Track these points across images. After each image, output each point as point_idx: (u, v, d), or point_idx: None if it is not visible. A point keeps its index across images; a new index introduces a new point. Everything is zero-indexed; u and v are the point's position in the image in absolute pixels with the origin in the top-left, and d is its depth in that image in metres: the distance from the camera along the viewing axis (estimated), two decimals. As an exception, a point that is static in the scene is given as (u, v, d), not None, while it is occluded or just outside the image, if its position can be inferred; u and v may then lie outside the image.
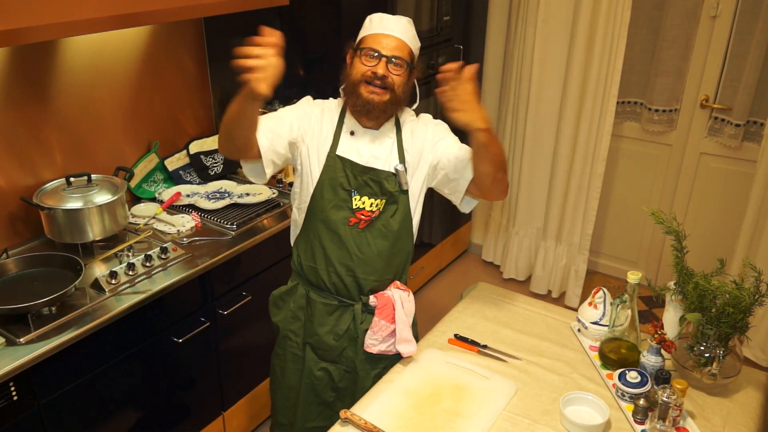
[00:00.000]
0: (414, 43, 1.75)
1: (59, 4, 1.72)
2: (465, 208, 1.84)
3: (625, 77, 3.27)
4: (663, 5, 3.20)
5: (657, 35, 3.26)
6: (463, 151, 1.74)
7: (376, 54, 1.67)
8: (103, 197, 2.14)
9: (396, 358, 1.86)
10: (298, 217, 1.86)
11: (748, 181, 3.04)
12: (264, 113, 2.87)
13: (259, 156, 1.67)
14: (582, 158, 3.37)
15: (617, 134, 3.51)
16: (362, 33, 1.75)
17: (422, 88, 3.12)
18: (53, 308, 1.83)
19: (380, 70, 1.67)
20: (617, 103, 3.28)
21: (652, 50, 3.30)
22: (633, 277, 1.73)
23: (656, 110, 3.37)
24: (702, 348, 1.69)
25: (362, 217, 1.76)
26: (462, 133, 1.66)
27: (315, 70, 2.99)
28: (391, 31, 1.69)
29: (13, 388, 1.67)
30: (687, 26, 3.18)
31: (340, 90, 1.78)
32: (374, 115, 1.72)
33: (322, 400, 1.96)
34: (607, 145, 3.28)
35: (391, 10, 2.71)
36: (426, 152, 1.78)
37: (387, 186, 1.75)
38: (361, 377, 1.89)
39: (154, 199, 2.53)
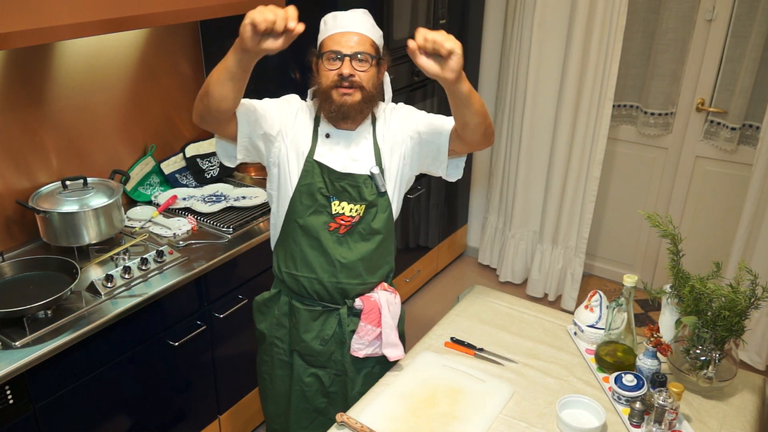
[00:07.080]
0: (375, 33, 1.67)
1: (54, 7, 1.72)
2: (452, 176, 1.78)
3: (621, 80, 3.28)
4: (659, 9, 3.21)
5: (653, 39, 3.27)
6: (433, 116, 1.72)
7: (339, 55, 1.61)
8: (99, 200, 2.13)
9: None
10: (276, 220, 1.80)
11: (744, 184, 3.05)
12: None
13: (233, 136, 1.64)
14: (578, 161, 3.37)
15: (613, 137, 3.52)
16: (320, 37, 1.68)
17: (419, 91, 3.15)
18: (49, 312, 1.82)
19: (346, 70, 1.60)
20: (613, 106, 3.29)
21: (647, 54, 3.31)
22: (629, 280, 1.73)
23: (652, 113, 3.38)
24: (698, 351, 1.69)
25: (342, 222, 1.72)
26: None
27: (311, 73, 2.98)
28: (348, 28, 1.63)
29: (8, 392, 1.66)
30: (683, 30, 3.19)
31: (309, 92, 1.74)
32: (351, 117, 1.67)
33: (314, 407, 1.93)
34: (603, 149, 3.29)
35: (387, 13, 2.72)
36: (396, 144, 1.75)
37: (365, 191, 1.71)
38: (351, 378, 1.86)
39: (150, 203, 2.53)
